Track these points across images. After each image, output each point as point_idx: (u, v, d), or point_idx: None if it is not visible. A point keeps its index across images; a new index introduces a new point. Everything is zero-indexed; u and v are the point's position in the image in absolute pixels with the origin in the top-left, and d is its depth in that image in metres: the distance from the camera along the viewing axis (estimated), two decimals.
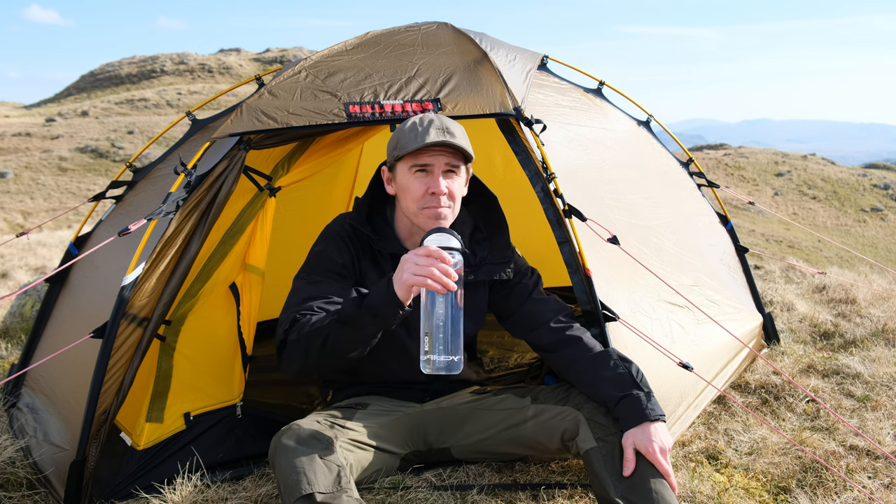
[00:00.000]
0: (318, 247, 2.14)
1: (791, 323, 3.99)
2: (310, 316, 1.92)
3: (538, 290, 2.25)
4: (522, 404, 2.12)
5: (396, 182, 2.05)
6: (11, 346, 3.99)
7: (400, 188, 2.04)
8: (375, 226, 2.15)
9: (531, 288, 2.24)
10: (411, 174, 1.99)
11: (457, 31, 2.78)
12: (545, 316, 2.16)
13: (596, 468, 1.84)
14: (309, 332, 1.84)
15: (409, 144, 1.96)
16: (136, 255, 2.13)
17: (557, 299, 2.24)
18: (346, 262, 2.09)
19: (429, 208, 1.99)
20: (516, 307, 2.22)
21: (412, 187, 1.99)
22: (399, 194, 2.06)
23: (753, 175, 35.84)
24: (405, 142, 1.97)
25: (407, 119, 2.06)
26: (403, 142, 1.98)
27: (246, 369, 2.47)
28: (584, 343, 2.07)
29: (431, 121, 1.99)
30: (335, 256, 2.09)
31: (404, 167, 2.00)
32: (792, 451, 2.38)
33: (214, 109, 4.46)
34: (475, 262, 2.19)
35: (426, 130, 1.96)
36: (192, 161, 2.30)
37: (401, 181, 2.02)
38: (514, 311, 2.23)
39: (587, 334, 2.11)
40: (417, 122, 2.01)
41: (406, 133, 1.99)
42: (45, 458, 2.28)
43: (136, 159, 3.20)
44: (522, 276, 2.25)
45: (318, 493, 1.65)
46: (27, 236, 8.89)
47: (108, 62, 61.92)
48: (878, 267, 5.96)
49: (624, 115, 3.53)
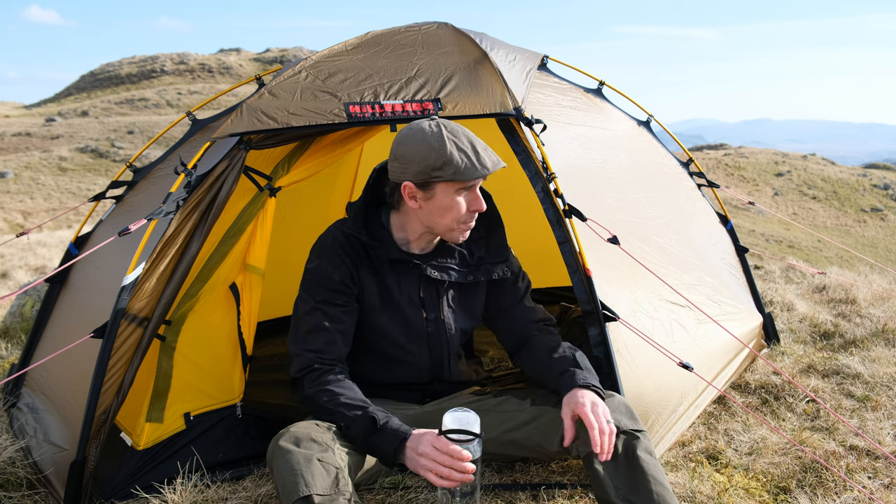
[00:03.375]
0: (313, 263, 2.09)
1: (791, 323, 3.99)
2: (326, 379, 1.95)
3: (528, 297, 2.29)
4: (522, 406, 2.12)
5: (432, 201, 1.98)
6: (11, 346, 3.99)
7: (437, 207, 1.99)
8: (372, 231, 2.12)
9: (523, 292, 2.27)
10: (458, 196, 1.98)
11: (457, 31, 2.78)
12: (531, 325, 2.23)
13: (597, 471, 1.84)
14: (320, 405, 1.91)
15: (469, 174, 1.92)
16: (137, 255, 2.13)
17: (543, 308, 2.30)
18: (344, 277, 2.06)
19: (465, 224, 2.03)
20: (508, 308, 2.24)
21: (457, 207, 1.99)
22: (433, 211, 2.00)
23: (753, 175, 35.84)
24: (460, 169, 1.91)
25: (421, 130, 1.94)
26: (456, 168, 1.91)
27: (246, 369, 2.47)
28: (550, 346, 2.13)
29: (472, 140, 1.96)
30: (332, 273, 2.05)
31: (449, 189, 1.96)
32: (792, 451, 2.38)
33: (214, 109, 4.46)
34: (473, 262, 2.20)
35: (478, 154, 1.94)
36: (192, 161, 2.29)
37: (442, 202, 1.98)
38: (505, 313, 2.25)
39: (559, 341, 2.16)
40: (457, 141, 1.93)
41: (455, 157, 1.91)
42: (45, 458, 2.28)
43: (136, 159, 3.20)
44: (517, 279, 2.27)
45: (317, 495, 1.64)
46: (27, 236, 8.90)
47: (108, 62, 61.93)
48: (878, 267, 5.96)
49: (624, 115, 3.53)
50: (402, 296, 2.12)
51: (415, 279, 2.14)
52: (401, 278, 2.13)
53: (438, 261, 2.15)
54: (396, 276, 2.12)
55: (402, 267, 2.12)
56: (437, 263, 2.14)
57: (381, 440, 1.80)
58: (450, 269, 2.15)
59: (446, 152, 1.90)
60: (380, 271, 2.12)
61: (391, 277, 2.12)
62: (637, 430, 1.88)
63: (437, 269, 2.14)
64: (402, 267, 2.12)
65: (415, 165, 1.93)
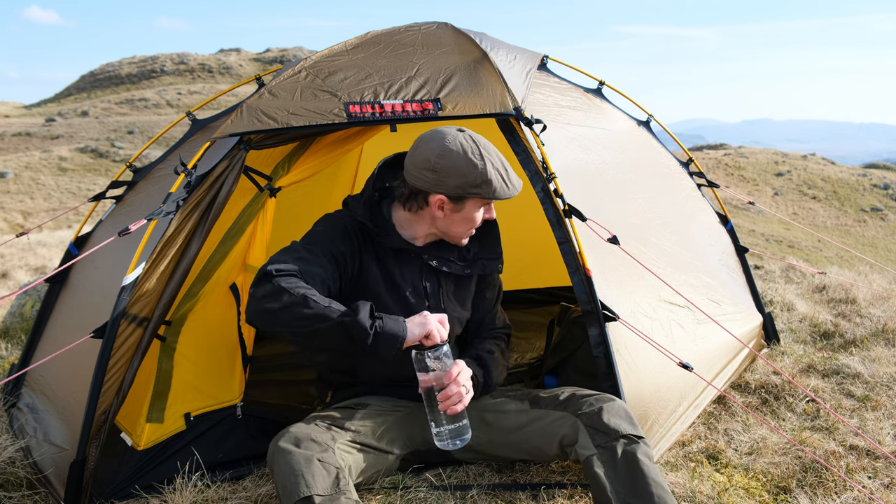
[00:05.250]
0: (322, 227, 2.12)
1: (791, 323, 3.99)
2: (306, 282, 1.87)
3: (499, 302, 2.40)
4: (521, 408, 2.13)
5: (460, 213, 2.08)
6: (11, 346, 3.99)
7: (462, 218, 2.09)
8: (376, 221, 2.16)
9: (497, 295, 2.38)
10: (482, 208, 2.11)
11: (457, 31, 2.78)
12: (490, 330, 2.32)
13: (597, 475, 1.84)
14: (303, 296, 1.79)
15: (504, 193, 2.03)
16: (137, 255, 2.13)
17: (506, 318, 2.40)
18: (346, 251, 2.07)
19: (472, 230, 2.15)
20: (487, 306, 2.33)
21: (477, 218, 2.11)
22: (456, 221, 2.09)
23: (753, 175, 35.83)
24: (497, 190, 2.01)
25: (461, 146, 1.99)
26: (493, 189, 2.00)
27: (246, 369, 2.47)
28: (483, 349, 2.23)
29: (503, 162, 2.06)
30: (337, 241, 2.07)
31: (478, 203, 2.08)
32: (792, 451, 2.38)
33: (214, 109, 4.46)
34: (469, 257, 2.25)
35: (509, 175, 2.05)
36: (192, 161, 2.29)
37: (468, 214, 2.08)
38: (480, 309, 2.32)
39: (494, 349, 2.25)
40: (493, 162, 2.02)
41: (493, 178, 2.00)
42: (45, 458, 2.28)
43: (136, 159, 3.20)
44: (496, 283, 2.37)
45: (317, 495, 1.65)
46: (27, 236, 8.89)
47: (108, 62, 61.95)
48: (878, 267, 5.97)
49: (624, 115, 3.53)
50: (406, 284, 2.15)
51: (417, 269, 2.18)
52: (404, 268, 2.16)
53: (439, 253, 2.20)
54: (399, 266, 2.16)
55: (405, 257, 2.17)
56: (438, 255, 2.19)
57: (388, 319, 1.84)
58: (449, 261, 2.20)
59: (487, 173, 1.99)
60: (383, 259, 2.15)
61: (394, 266, 2.15)
62: (636, 436, 1.89)
63: (438, 260, 2.19)
64: (405, 257, 2.17)
65: (454, 180, 2.00)
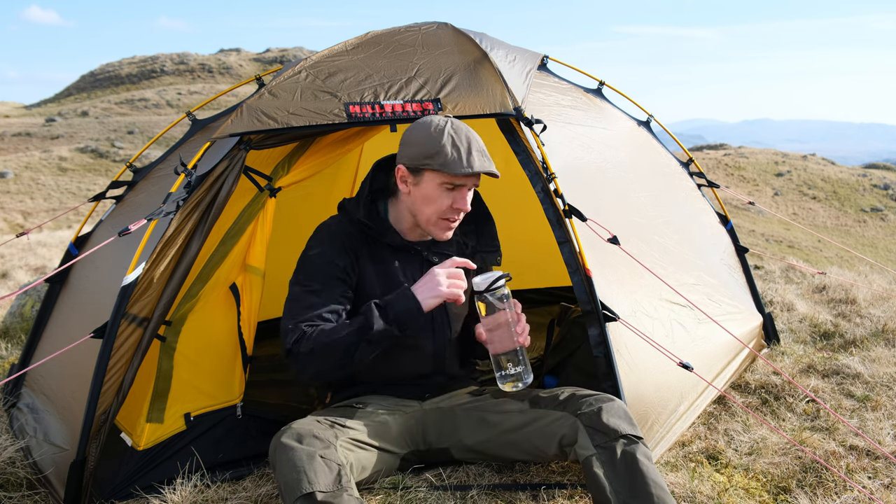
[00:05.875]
0: (315, 249, 2.12)
1: (791, 323, 3.99)
2: (320, 326, 1.97)
3: None
4: (520, 408, 2.12)
5: (419, 188, 2.06)
6: (11, 346, 3.99)
7: (422, 196, 2.06)
8: (375, 221, 2.17)
9: None
10: (441, 189, 2.03)
11: (457, 32, 2.78)
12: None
13: (596, 475, 1.83)
14: (326, 344, 1.92)
15: (454, 167, 1.97)
16: (137, 255, 2.13)
17: None
18: (347, 264, 2.10)
19: (446, 220, 2.08)
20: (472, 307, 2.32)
21: (439, 200, 2.05)
22: (417, 199, 2.08)
23: (753, 175, 35.82)
24: (447, 161, 1.97)
25: (430, 121, 2.04)
26: (444, 160, 1.97)
27: (246, 369, 2.47)
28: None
29: (471, 141, 2.02)
30: (335, 259, 2.09)
31: (435, 180, 2.02)
32: (792, 451, 2.38)
33: (214, 109, 4.46)
34: (468, 252, 2.27)
35: (470, 154, 1.99)
36: (192, 161, 2.29)
37: (427, 191, 2.04)
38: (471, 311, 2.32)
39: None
40: (456, 138, 1.99)
41: (446, 149, 1.98)
42: (45, 458, 2.28)
43: (136, 159, 3.20)
44: None
45: (319, 492, 1.65)
46: (27, 236, 8.89)
47: (108, 62, 61.95)
48: (878, 267, 5.97)
49: (624, 115, 3.53)
50: (409, 281, 2.14)
51: (418, 265, 2.19)
52: (405, 265, 2.18)
53: (438, 248, 2.22)
54: (401, 263, 2.17)
55: (405, 254, 2.18)
56: (438, 251, 2.21)
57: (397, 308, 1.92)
58: (449, 256, 2.19)
59: (440, 143, 1.98)
60: (382, 259, 2.16)
61: (395, 264, 2.16)
62: (636, 436, 1.88)
63: (439, 256, 2.20)
64: (405, 254, 2.18)
65: (412, 150, 2.03)
